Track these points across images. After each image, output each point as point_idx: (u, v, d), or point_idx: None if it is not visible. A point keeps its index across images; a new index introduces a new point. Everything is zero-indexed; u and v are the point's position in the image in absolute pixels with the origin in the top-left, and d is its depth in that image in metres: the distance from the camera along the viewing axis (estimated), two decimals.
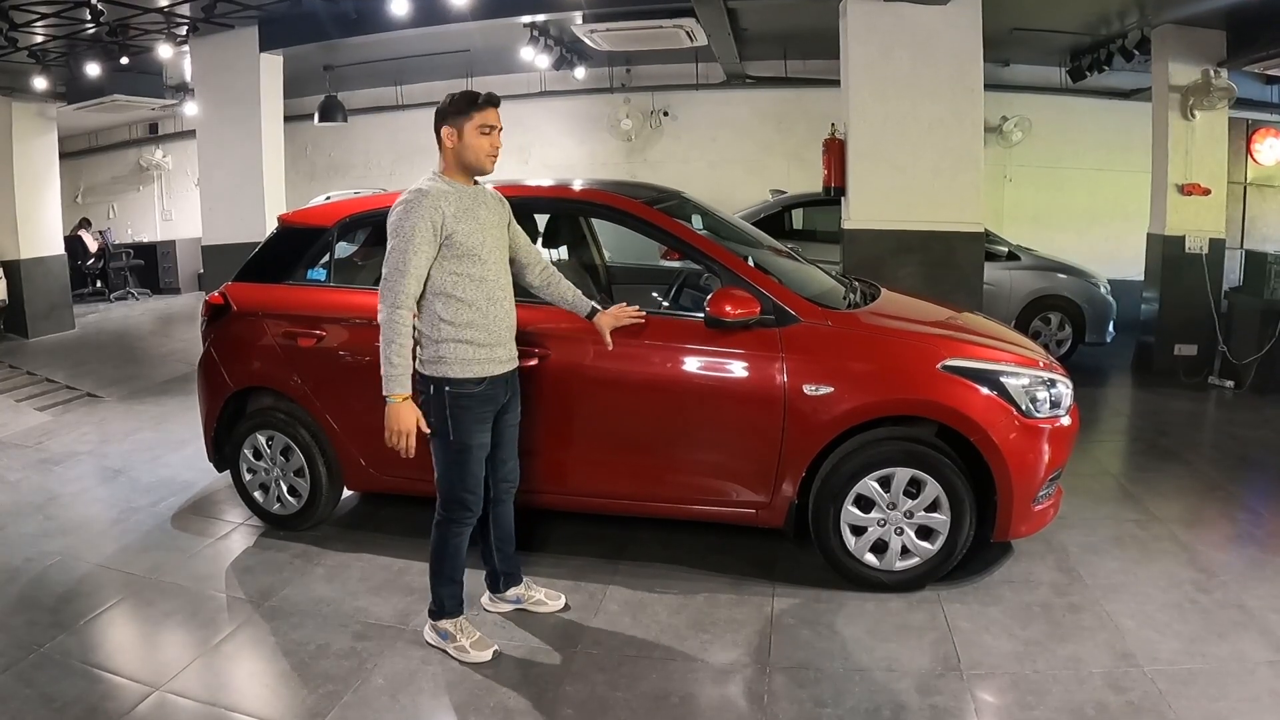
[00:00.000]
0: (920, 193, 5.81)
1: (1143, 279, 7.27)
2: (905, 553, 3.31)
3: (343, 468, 3.87)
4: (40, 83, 8.10)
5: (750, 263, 3.53)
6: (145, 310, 11.67)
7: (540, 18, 7.40)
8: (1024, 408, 3.24)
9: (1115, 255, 8.62)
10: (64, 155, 10.74)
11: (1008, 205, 9.77)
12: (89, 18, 6.45)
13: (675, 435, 3.44)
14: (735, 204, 8.50)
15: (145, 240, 13.34)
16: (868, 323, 3.52)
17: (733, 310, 3.24)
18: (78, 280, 11.45)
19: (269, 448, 3.93)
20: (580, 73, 9.92)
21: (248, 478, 4.01)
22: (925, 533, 3.30)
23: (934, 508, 3.25)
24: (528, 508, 3.50)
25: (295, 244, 3.99)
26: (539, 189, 4.00)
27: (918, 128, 5.76)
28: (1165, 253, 6.84)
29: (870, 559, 3.33)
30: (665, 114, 10.81)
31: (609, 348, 3.23)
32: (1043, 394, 3.29)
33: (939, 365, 3.24)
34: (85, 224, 12.63)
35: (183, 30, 7.45)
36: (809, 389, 3.24)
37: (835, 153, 6.03)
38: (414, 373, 2.81)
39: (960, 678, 2.80)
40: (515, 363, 3.02)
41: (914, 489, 3.26)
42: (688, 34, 7.38)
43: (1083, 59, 8.39)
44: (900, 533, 3.29)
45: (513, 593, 3.28)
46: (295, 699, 2.75)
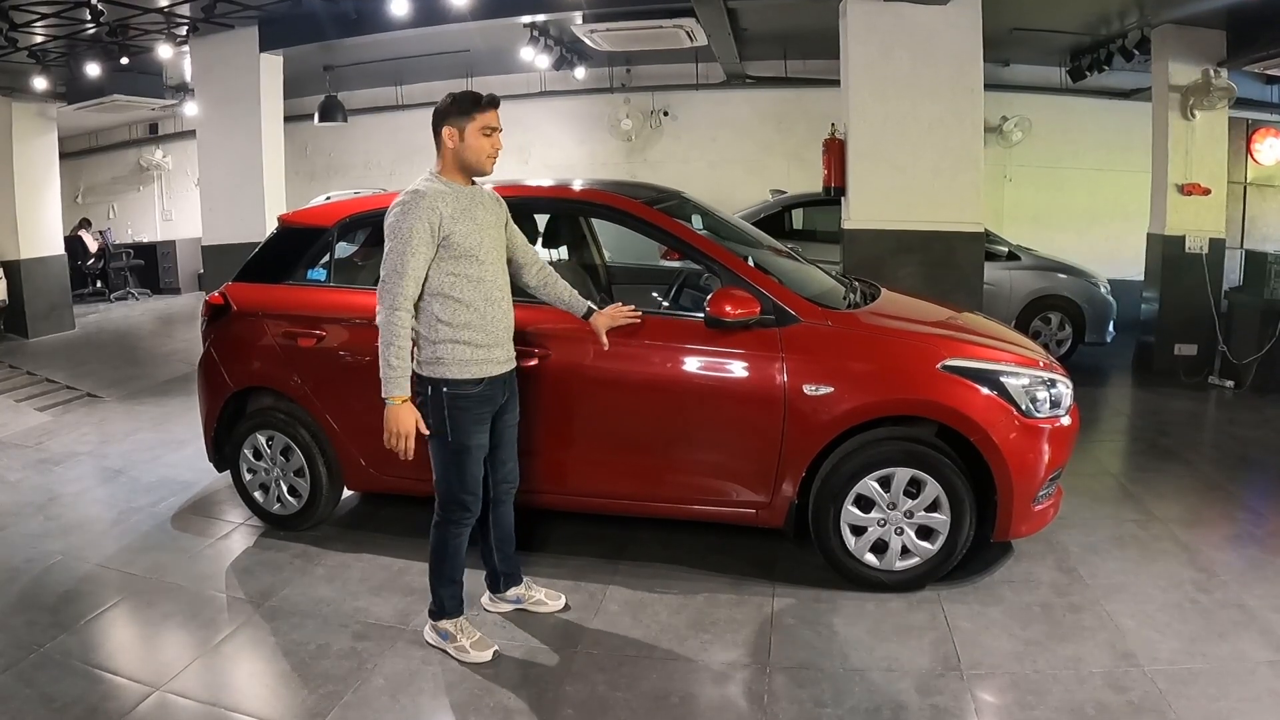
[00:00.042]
0: (920, 193, 5.81)
1: (1143, 279, 7.27)
2: (905, 553, 3.31)
3: (343, 468, 3.87)
4: (40, 83, 8.10)
5: (750, 263, 3.53)
6: (145, 310, 11.66)
7: (540, 18, 7.39)
8: (1024, 408, 3.24)
9: (1115, 255, 8.62)
10: (64, 155, 10.74)
11: (1008, 205, 9.76)
12: (89, 18, 6.45)
13: (675, 435, 3.44)
14: (735, 204, 8.49)
15: (145, 240, 13.33)
16: (868, 323, 3.51)
17: (733, 310, 3.24)
18: (78, 280, 11.44)
19: (269, 448, 3.93)
20: (580, 73, 9.92)
21: (248, 478, 4.01)
22: (925, 533, 3.30)
23: (934, 508, 3.25)
24: (528, 508, 3.50)
25: (295, 244, 3.99)
26: (539, 189, 4.00)
27: (918, 128, 5.76)
28: (1165, 253, 6.85)
29: (870, 559, 3.33)
30: (665, 114, 10.80)
31: (605, 348, 3.23)
32: (1043, 394, 3.29)
33: (939, 365, 3.24)
34: (85, 224, 12.63)
35: (183, 30, 7.45)
36: (809, 389, 3.24)
37: (835, 153, 6.03)
38: (412, 374, 2.80)
39: (960, 678, 2.80)
40: (513, 363, 3.02)
41: (914, 489, 3.26)
42: (688, 34, 7.38)
43: (1083, 59, 8.39)
44: (900, 533, 3.29)
45: (513, 593, 3.28)
46: (295, 699, 2.75)
